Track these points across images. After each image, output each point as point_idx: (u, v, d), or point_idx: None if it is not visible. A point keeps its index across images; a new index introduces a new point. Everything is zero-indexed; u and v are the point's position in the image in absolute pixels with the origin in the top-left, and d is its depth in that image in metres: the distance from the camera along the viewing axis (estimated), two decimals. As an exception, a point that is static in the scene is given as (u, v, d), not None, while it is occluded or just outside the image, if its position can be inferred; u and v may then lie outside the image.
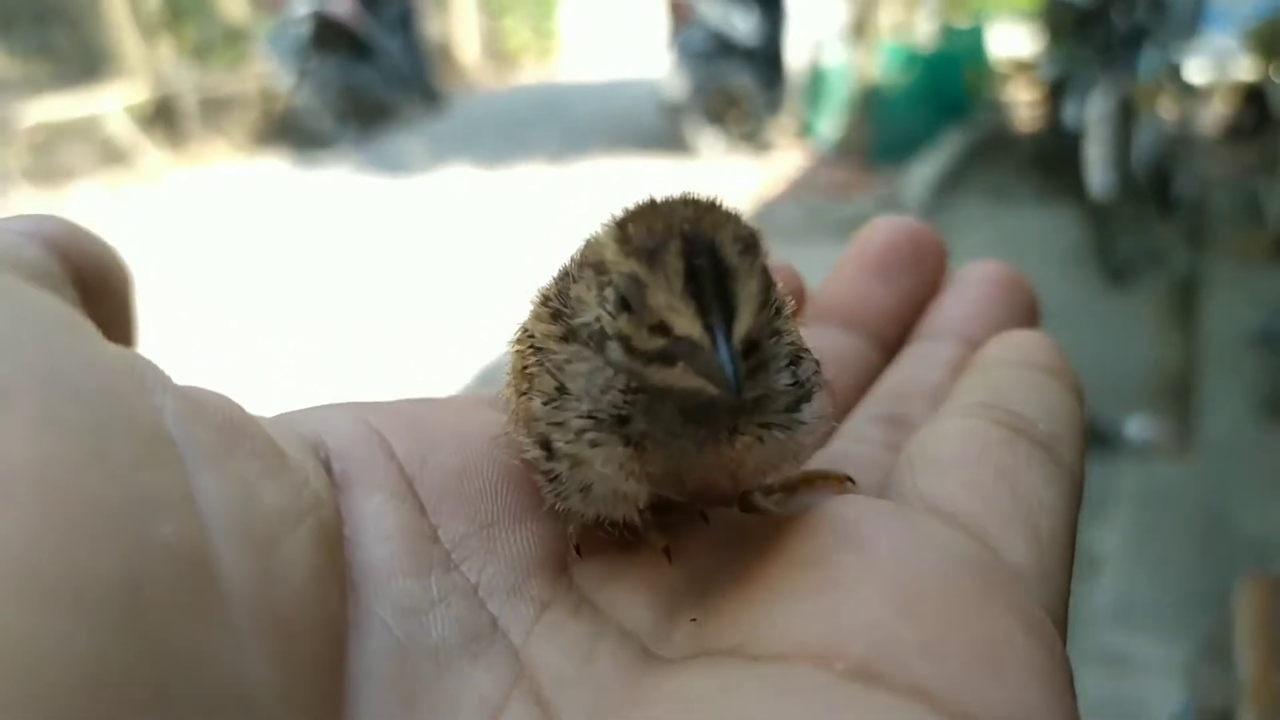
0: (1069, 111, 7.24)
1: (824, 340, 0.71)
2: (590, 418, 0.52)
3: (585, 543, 0.56)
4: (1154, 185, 6.96)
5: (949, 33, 11.05)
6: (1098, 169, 6.30)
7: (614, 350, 0.51)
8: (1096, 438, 4.35)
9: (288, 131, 11.75)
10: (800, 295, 0.75)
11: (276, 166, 11.05)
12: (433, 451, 0.55)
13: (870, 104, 9.59)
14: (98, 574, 0.33)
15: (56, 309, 0.43)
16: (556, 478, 0.54)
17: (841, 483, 0.60)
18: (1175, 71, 7.34)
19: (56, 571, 0.32)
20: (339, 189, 9.78)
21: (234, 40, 12.76)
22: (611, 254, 0.50)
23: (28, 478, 0.34)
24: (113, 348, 0.42)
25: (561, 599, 0.53)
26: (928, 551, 0.48)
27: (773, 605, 0.47)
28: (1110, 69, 7.00)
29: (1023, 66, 11.32)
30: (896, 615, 0.43)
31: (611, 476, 0.53)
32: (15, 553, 0.32)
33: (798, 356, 0.57)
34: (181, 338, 5.91)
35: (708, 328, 0.46)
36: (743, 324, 0.47)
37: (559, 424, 0.53)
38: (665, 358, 0.48)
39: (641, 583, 0.54)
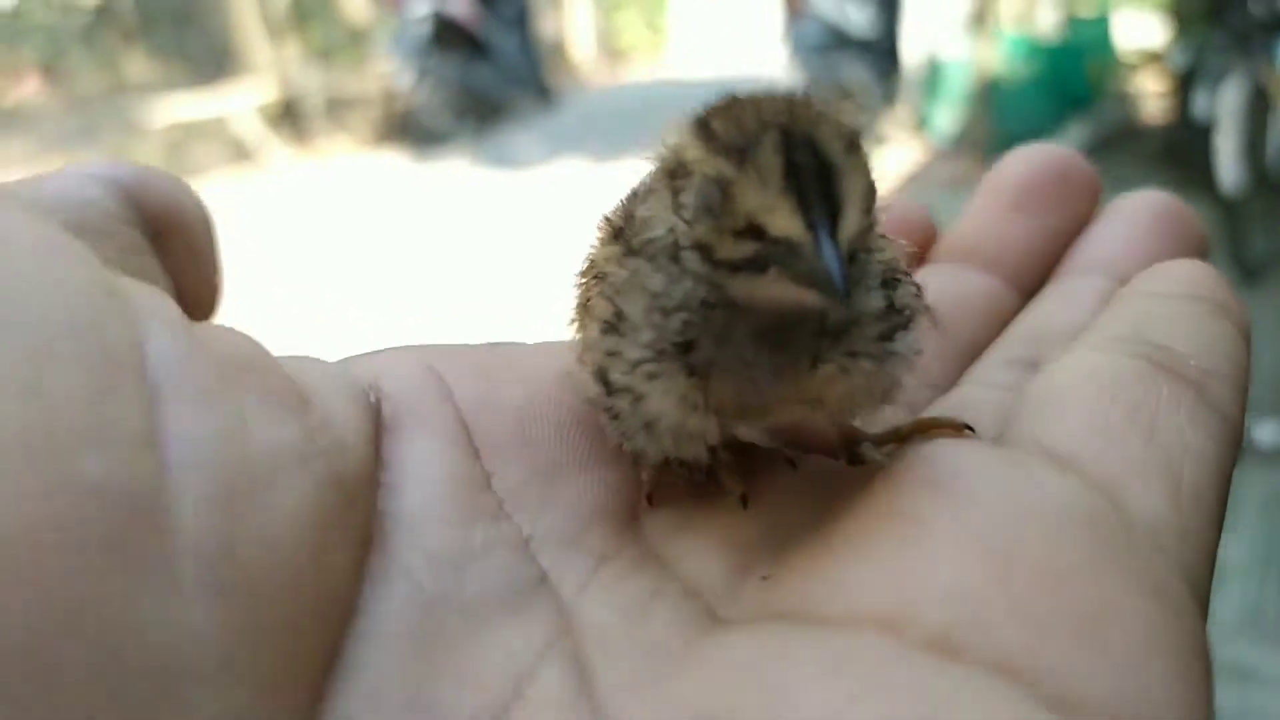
0: (1199, 102, 6.98)
1: (953, 280, 0.66)
2: (649, 347, 0.48)
3: (658, 489, 0.52)
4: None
5: (1073, 23, 10.72)
6: (1229, 162, 6.07)
7: (691, 261, 0.46)
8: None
9: (407, 128, 12.02)
10: (931, 235, 0.71)
11: (396, 162, 11.31)
12: (495, 394, 0.52)
13: (990, 96, 9.37)
14: (4, 516, 0.30)
15: (54, 243, 0.39)
16: (619, 415, 0.50)
17: (960, 431, 0.52)
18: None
19: None
20: (455, 184, 9.98)
21: (357, 41, 13.15)
22: (694, 153, 0.45)
23: None
24: (112, 283, 0.39)
25: (625, 551, 0.49)
26: (1035, 504, 0.42)
27: (849, 563, 0.42)
28: (1245, 58, 6.72)
29: (1150, 56, 10.94)
30: (986, 577, 0.39)
31: (673, 411, 0.48)
32: None
33: (894, 279, 0.51)
34: (302, 323, 6.13)
35: (810, 226, 0.41)
36: (850, 224, 0.42)
37: (616, 354, 0.49)
38: (756, 265, 0.43)
39: (714, 535, 0.49)
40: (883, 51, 10.37)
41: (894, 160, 9.40)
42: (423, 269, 7.24)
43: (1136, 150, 9.30)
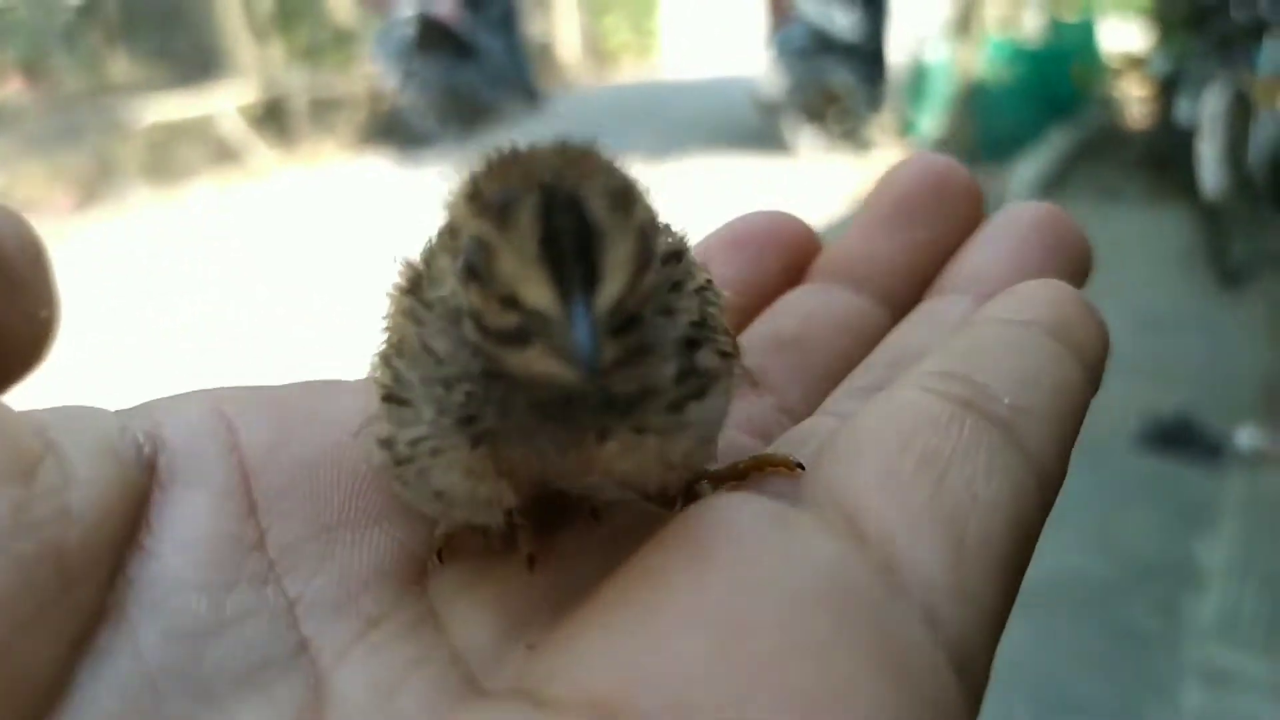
0: (1181, 108, 7.04)
1: (824, 300, 0.65)
2: (430, 423, 0.45)
3: (451, 546, 0.50)
4: (1270, 185, 6.71)
5: (1057, 27, 10.77)
6: (1211, 168, 6.11)
7: (468, 329, 0.43)
8: (1204, 446, 4.25)
9: (393, 130, 11.98)
10: (813, 251, 0.69)
11: (381, 164, 11.28)
12: (287, 441, 0.49)
13: (974, 101, 9.41)
14: None
15: None
16: (407, 484, 0.47)
17: (793, 470, 0.50)
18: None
19: None
20: (441, 187, 9.98)
21: (342, 42, 13.13)
22: (461, 213, 0.43)
23: None
24: None
25: (401, 614, 0.46)
26: (788, 572, 0.38)
27: (595, 634, 0.39)
28: (1227, 64, 6.77)
29: (1133, 62, 10.99)
30: (710, 656, 0.35)
31: (460, 483, 0.46)
32: None
33: (697, 339, 0.47)
34: (285, 328, 6.13)
35: (563, 297, 0.38)
36: (608, 293, 0.39)
37: (398, 423, 0.46)
38: (519, 337, 0.40)
39: (495, 596, 0.47)
40: (868, 55, 10.38)
41: (879, 165, 9.42)
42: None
43: (1120, 155, 9.35)
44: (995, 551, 0.41)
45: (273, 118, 11.64)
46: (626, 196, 0.41)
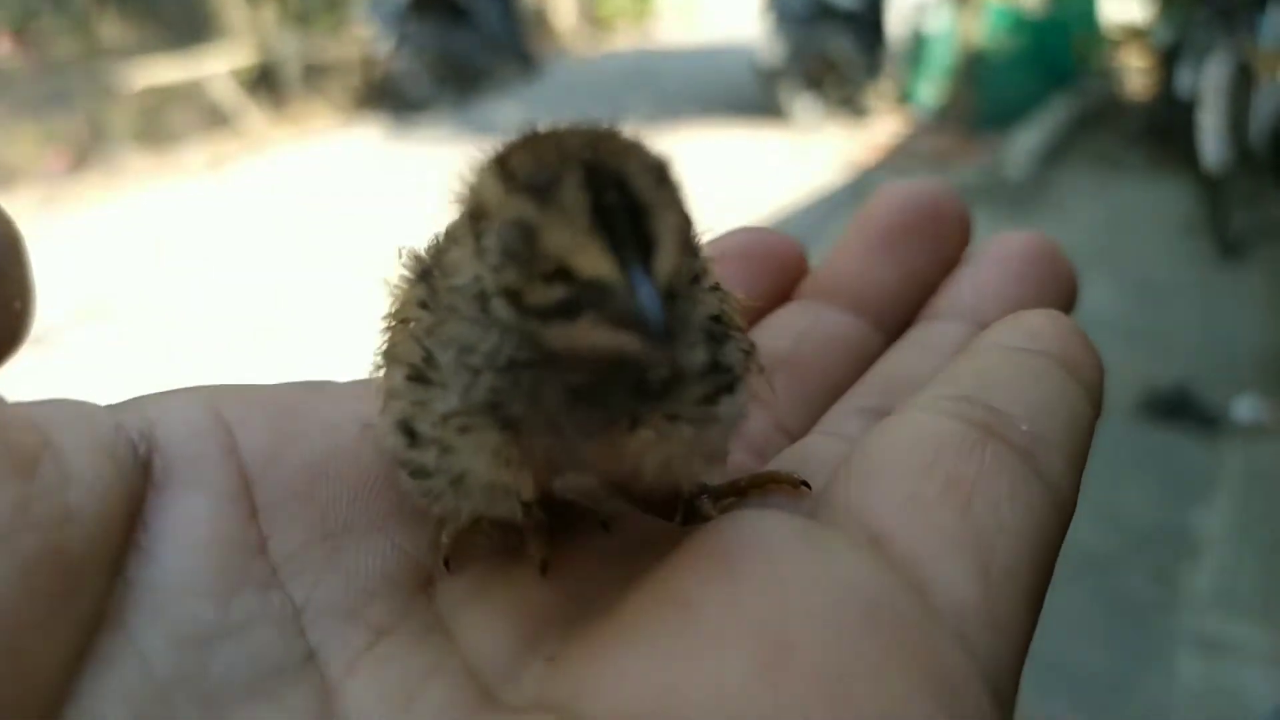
0: (1183, 79, 7.02)
1: (816, 319, 0.64)
2: (460, 400, 0.44)
3: (457, 553, 0.48)
4: (1271, 157, 6.71)
5: (1058, -4, 10.74)
6: (1212, 139, 6.10)
7: (499, 309, 0.42)
8: (1202, 417, 4.27)
9: (386, 95, 11.93)
10: (801, 269, 0.68)
11: (374, 130, 11.25)
12: (287, 445, 0.48)
13: (974, 69, 9.38)
14: None
15: None
16: (422, 469, 0.46)
17: (797, 488, 0.50)
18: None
19: None
20: (434, 153, 9.94)
21: (335, 5, 13.01)
22: (493, 194, 0.42)
23: None
24: None
25: (409, 623, 0.45)
26: (825, 591, 0.38)
27: (623, 651, 0.39)
28: (1229, 34, 6.75)
29: (1135, 32, 10.96)
30: (752, 676, 0.35)
31: (485, 467, 0.45)
32: None
33: (722, 334, 0.48)
34: (278, 298, 6.11)
35: (623, 264, 0.38)
36: (665, 261, 0.39)
37: (423, 404, 0.46)
38: (567, 310, 0.40)
39: (508, 605, 0.46)
40: (867, 23, 10.35)
41: (877, 133, 9.41)
42: (399, 237, 7.22)
43: (1120, 126, 9.37)
44: (1021, 579, 0.41)
45: (265, 82, 11.58)
46: (665, 173, 0.41)
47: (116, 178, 9.45)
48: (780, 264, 0.68)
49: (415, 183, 8.73)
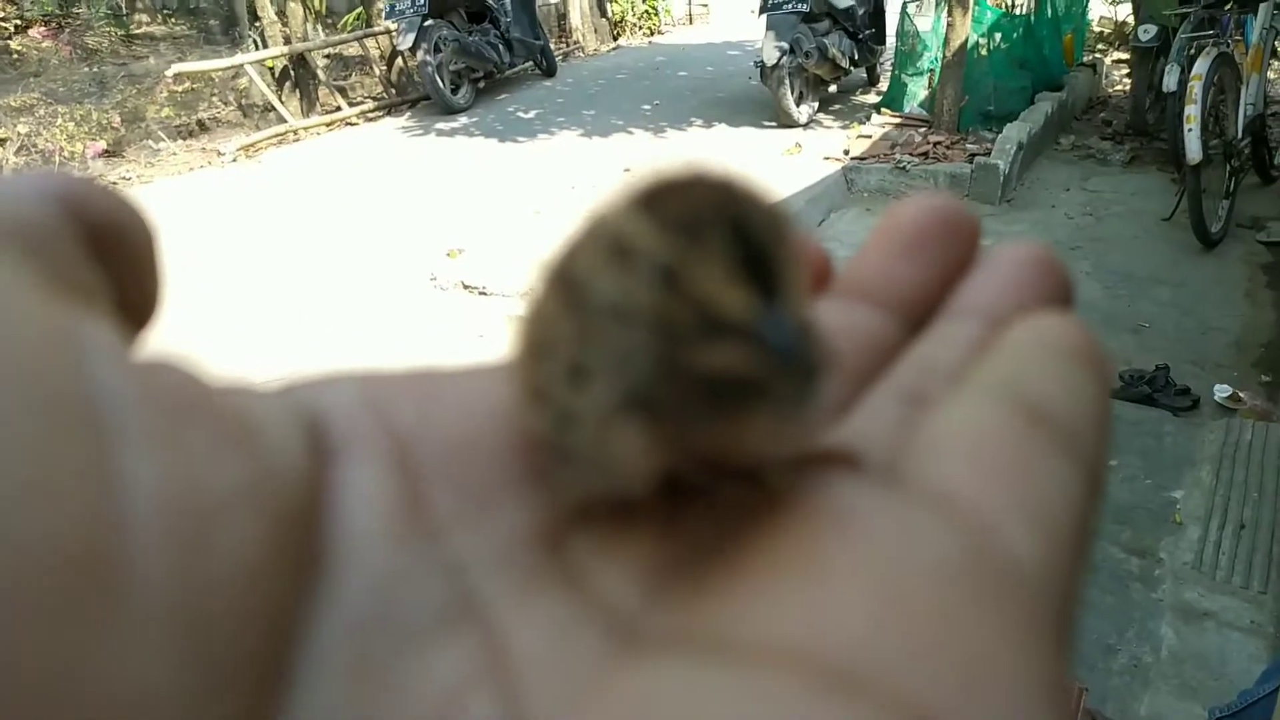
0: (1168, 75, 7.07)
1: (846, 313, 0.66)
2: (601, 391, 0.46)
3: (582, 514, 0.51)
4: (1252, 151, 6.83)
5: (1047, -6, 10.80)
6: (1195, 134, 6.06)
7: (645, 332, 0.44)
8: (1185, 401, 4.42)
9: (407, 92, 12.05)
10: (828, 274, 0.69)
11: (396, 125, 11.40)
12: (432, 420, 0.51)
13: (964, 65, 9.41)
14: None
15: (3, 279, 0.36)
16: (566, 453, 0.49)
17: (855, 464, 0.52)
18: (1281, 34, 7.14)
19: None
20: (454, 149, 10.10)
21: (361, 1, 13.14)
22: (638, 228, 0.44)
23: None
24: (51, 317, 0.35)
25: (551, 573, 0.48)
26: (922, 546, 0.42)
27: (758, 593, 0.42)
28: (1214, 31, 6.83)
29: (1121, 29, 11.05)
30: (882, 620, 0.39)
31: (629, 458, 0.47)
32: None
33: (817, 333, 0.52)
34: (308, 286, 6.28)
35: (765, 307, 0.41)
36: (795, 302, 0.42)
37: (575, 396, 0.47)
38: (712, 340, 0.42)
39: (635, 558, 0.49)
40: (864, 21, 10.45)
41: (872, 129, 9.49)
42: (422, 234, 7.34)
43: (1106, 121, 9.45)
44: (1075, 543, 0.45)
45: (293, 76, 11.65)
46: (787, 222, 0.44)
47: (151, 166, 9.61)
48: (812, 266, 0.72)
49: (436, 176, 8.92)
